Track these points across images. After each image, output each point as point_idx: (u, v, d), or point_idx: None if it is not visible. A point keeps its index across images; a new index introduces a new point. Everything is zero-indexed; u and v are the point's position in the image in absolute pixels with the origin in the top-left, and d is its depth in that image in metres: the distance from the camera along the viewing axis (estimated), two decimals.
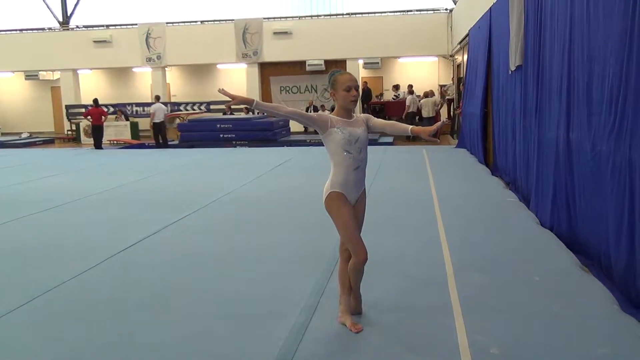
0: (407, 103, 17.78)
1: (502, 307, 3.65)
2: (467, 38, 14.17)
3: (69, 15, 23.58)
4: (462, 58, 16.48)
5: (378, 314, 3.56)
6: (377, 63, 20.84)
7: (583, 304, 3.68)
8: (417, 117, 17.45)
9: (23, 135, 21.82)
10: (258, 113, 19.62)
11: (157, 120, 16.43)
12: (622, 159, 3.80)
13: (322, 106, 20.54)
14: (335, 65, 20.98)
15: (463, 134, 13.96)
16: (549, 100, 5.92)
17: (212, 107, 20.74)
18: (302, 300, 3.82)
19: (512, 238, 5.39)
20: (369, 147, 3.42)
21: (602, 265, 4.32)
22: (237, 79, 22.01)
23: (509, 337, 3.21)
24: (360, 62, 21.01)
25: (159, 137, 16.70)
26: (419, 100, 17.56)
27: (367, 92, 20.05)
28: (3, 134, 23.00)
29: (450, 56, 19.82)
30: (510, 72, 8.03)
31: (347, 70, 21.19)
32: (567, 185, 5.16)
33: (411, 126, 3.40)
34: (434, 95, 17.98)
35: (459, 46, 17.11)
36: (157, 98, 17.41)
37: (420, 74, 21.39)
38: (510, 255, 4.82)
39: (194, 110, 21.00)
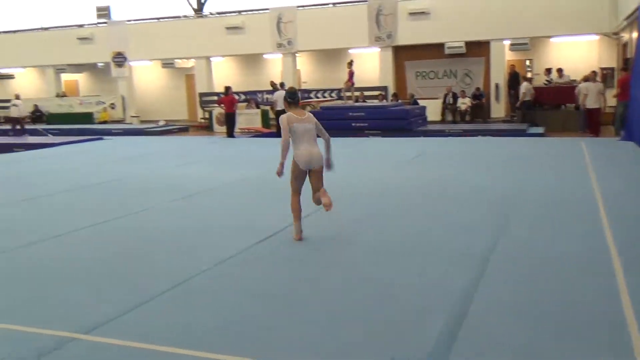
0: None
1: None
2: (638, 12, 12.95)
3: (202, 2, 25.04)
4: (630, 36, 15.13)
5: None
6: (526, 44, 19.78)
7: None
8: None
9: (160, 123, 23.57)
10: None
11: (279, 109, 16.88)
12: None
13: (463, 92, 19.89)
14: (478, 48, 20.25)
15: (631, 124, 12.77)
16: None
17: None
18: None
19: None
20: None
21: None
22: (369, 64, 22.02)
23: None
24: (507, 43, 20.04)
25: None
26: (577, 85, 16.13)
27: (514, 77, 18.82)
28: (142, 122, 24.99)
29: (614, 34, 18.27)
30: None
31: (491, 53, 19.88)
32: None
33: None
34: (596, 79, 15.36)
35: (625, 22, 15.72)
36: (278, 84, 17.83)
37: (576, 55, 19.96)
38: None
39: (324, 97, 21.35)
